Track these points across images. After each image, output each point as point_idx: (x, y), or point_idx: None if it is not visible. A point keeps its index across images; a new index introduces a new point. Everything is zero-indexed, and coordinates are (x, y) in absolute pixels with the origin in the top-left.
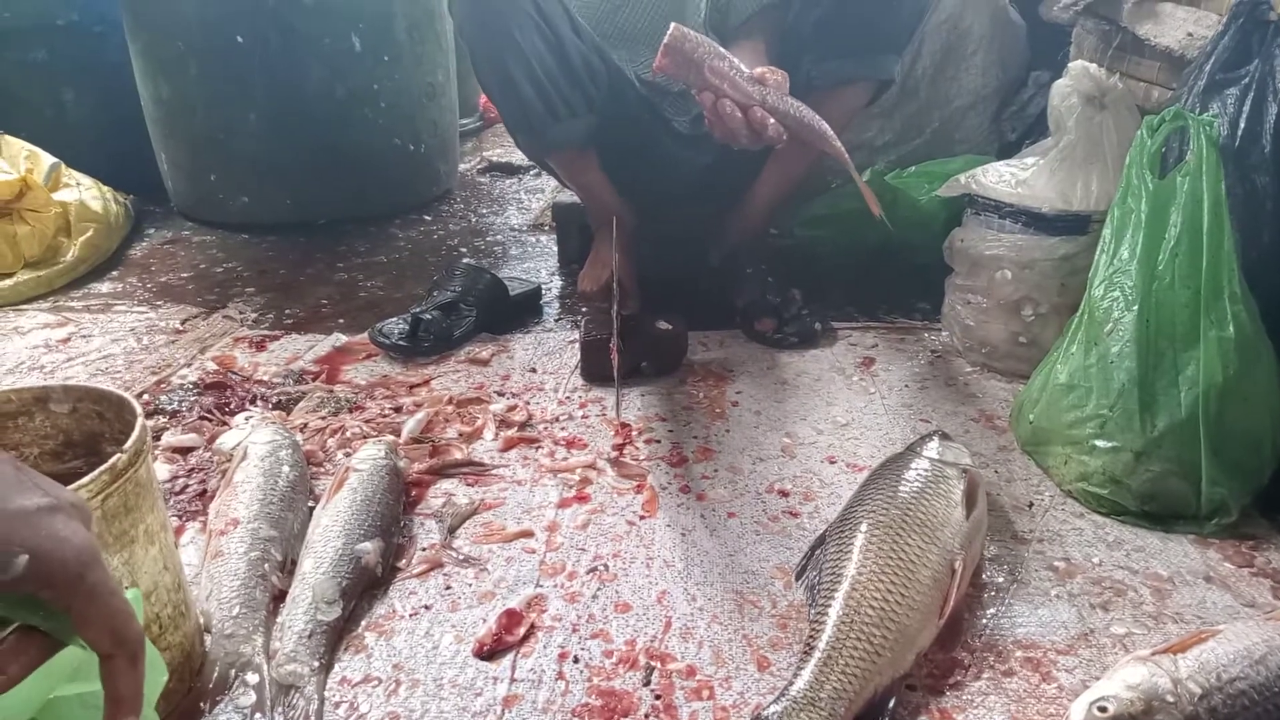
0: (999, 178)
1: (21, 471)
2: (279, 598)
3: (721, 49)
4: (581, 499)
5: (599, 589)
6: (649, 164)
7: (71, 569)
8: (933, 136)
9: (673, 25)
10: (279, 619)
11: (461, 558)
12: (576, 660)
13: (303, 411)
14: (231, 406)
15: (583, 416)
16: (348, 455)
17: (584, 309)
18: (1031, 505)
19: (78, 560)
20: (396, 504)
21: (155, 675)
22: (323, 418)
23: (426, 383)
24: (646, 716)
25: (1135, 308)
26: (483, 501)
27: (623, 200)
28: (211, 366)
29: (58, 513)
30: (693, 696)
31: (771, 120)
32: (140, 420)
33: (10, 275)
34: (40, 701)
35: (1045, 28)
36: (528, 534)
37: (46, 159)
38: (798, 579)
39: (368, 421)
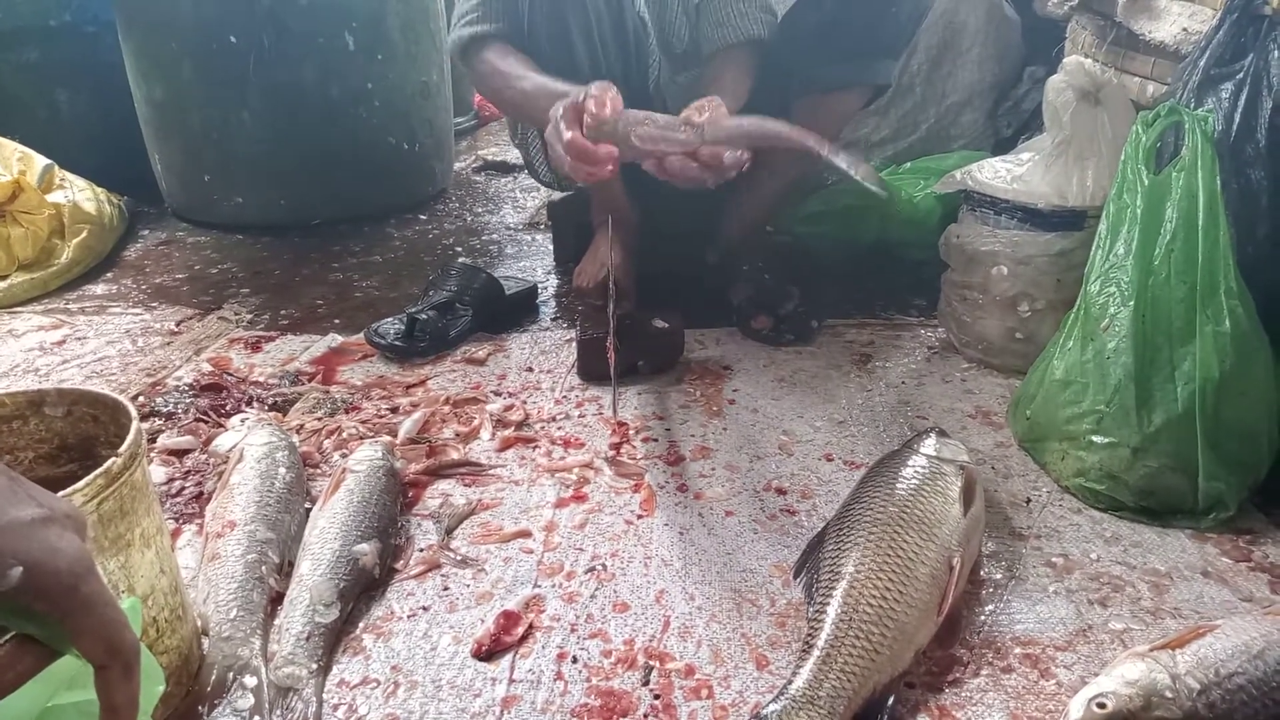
0: (994, 174)
1: (15, 482)
2: (276, 600)
3: (638, 113)
4: (579, 498)
5: (597, 589)
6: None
7: (65, 580)
8: (928, 133)
9: (586, 117)
10: (277, 621)
11: (459, 558)
12: (575, 660)
13: (299, 412)
14: (227, 408)
15: (580, 415)
16: (344, 456)
17: (580, 307)
18: (1029, 501)
19: (71, 572)
20: (394, 505)
21: (152, 684)
22: (319, 419)
23: (423, 383)
24: (645, 716)
25: (1131, 303)
26: (480, 502)
27: (627, 195)
28: (207, 368)
29: (52, 524)
30: (692, 696)
31: (725, 152)
32: (135, 423)
33: (4, 278)
34: (37, 710)
35: (1040, 23)
36: (525, 534)
37: (39, 160)
38: (796, 577)
39: (364, 422)
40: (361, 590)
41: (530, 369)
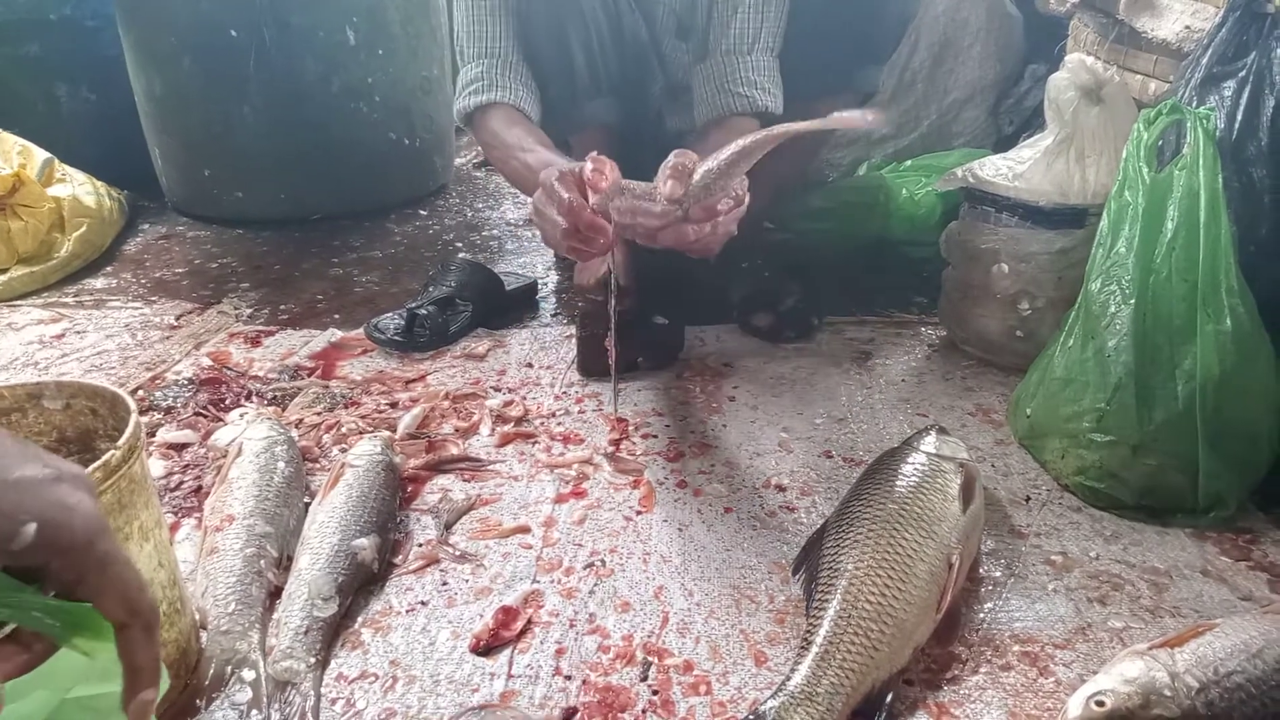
0: (996, 171)
1: (23, 443)
2: (275, 594)
3: (628, 182)
4: (578, 494)
5: (596, 584)
6: (647, 154)
7: (80, 536)
8: (929, 130)
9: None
10: (275, 615)
11: (458, 554)
12: (574, 656)
13: (298, 407)
14: (227, 402)
15: (579, 412)
16: (343, 451)
17: (580, 303)
18: (1028, 499)
19: (86, 528)
20: (392, 500)
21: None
22: (318, 413)
23: (422, 378)
24: (644, 712)
25: (1132, 301)
26: (479, 497)
27: None
28: (206, 362)
29: (61, 482)
30: (690, 692)
31: (717, 202)
32: (134, 417)
33: (4, 271)
34: (56, 701)
35: (1042, 20)
36: (524, 530)
37: (39, 154)
38: (795, 574)
39: (363, 417)
40: (360, 585)
41: (530, 365)
